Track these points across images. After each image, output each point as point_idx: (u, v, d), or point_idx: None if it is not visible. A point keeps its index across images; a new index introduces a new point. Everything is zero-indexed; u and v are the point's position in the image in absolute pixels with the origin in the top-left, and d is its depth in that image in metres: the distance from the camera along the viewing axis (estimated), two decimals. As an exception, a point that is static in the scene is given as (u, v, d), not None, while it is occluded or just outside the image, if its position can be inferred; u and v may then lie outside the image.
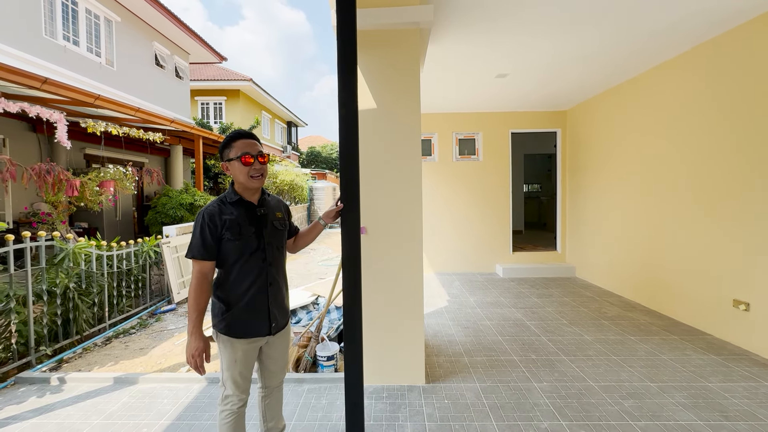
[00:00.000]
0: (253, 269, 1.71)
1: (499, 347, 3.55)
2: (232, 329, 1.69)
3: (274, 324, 1.79)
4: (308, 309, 3.76)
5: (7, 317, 3.10)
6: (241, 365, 1.71)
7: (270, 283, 1.76)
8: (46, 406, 2.65)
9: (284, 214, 1.93)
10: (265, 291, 1.74)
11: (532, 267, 6.49)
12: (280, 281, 1.84)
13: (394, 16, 2.67)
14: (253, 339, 1.74)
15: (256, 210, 1.76)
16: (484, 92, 5.57)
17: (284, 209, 1.96)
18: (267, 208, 1.82)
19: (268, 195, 1.92)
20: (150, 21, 11.11)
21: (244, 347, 1.71)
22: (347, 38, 1.99)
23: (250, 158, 1.69)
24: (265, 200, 1.85)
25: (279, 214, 1.89)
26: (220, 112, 18.21)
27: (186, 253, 1.68)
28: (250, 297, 1.71)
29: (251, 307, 1.71)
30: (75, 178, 4.55)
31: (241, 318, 1.70)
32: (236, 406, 1.73)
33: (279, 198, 2.01)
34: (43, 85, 3.75)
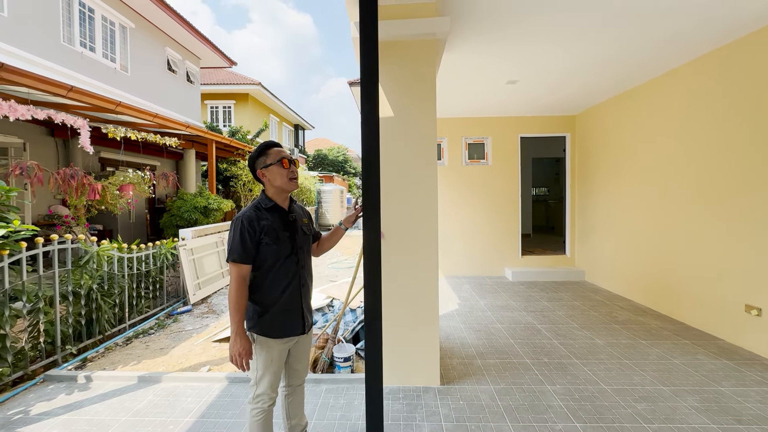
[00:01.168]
0: (288, 272, 1.82)
1: (511, 350, 3.60)
2: (269, 330, 1.79)
3: (307, 323, 1.91)
4: (323, 311, 3.85)
5: (35, 317, 3.21)
6: (276, 364, 1.81)
7: (302, 285, 1.88)
8: (75, 403, 2.75)
9: (309, 220, 2.06)
10: (298, 292, 1.86)
11: (541, 271, 6.53)
12: (310, 283, 1.96)
13: (412, 27, 2.75)
14: (289, 339, 1.84)
15: (288, 216, 1.87)
16: (494, 98, 5.64)
17: (308, 216, 2.07)
18: (296, 215, 1.93)
19: (294, 202, 2.02)
20: (163, 27, 11.32)
21: (280, 347, 1.81)
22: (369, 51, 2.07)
23: (288, 162, 1.83)
24: (294, 207, 1.96)
25: (305, 220, 2.01)
26: (229, 116, 18.44)
27: (226, 257, 1.77)
28: (285, 298, 1.81)
29: (287, 308, 1.82)
30: (96, 182, 4.70)
31: (277, 319, 1.80)
32: (267, 404, 1.81)
33: (302, 205, 2.11)
34: (68, 93, 3.89)
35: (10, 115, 3.52)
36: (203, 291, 5.37)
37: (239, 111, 18.30)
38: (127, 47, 10.13)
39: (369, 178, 2.09)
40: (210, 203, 6.58)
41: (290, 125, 24.91)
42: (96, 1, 8.98)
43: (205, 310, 4.97)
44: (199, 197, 6.58)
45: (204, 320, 4.60)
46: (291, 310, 1.84)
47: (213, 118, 18.31)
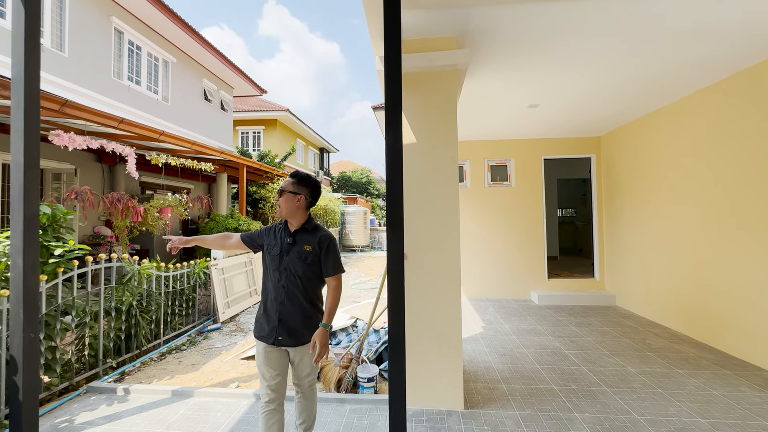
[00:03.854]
0: (270, 283, 2.11)
1: (537, 376, 3.52)
2: (255, 327, 2.17)
3: (280, 338, 2.05)
4: (348, 331, 3.91)
5: (82, 330, 3.45)
6: (259, 360, 2.09)
7: (281, 302, 2.07)
8: (114, 414, 2.91)
9: (315, 247, 2.12)
10: (275, 306, 2.08)
11: (568, 294, 6.35)
12: (293, 306, 2.06)
13: (434, 60, 2.91)
14: (265, 344, 2.08)
15: (288, 237, 2.13)
16: (515, 121, 5.72)
17: (318, 245, 2.12)
18: (299, 239, 2.12)
19: (315, 230, 2.18)
20: (201, 60, 12.20)
21: (259, 346, 2.11)
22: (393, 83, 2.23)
23: (281, 192, 2.17)
24: (303, 231, 2.15)
25: (307, 247, 2.10)
26: (258, 140, 19.32)
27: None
28: (265, 306, 2.12)
29: (265, 314, 2.11)
30: (139, 205, 5.07)
31: (258, 320, 2.15)
32: (265, 399, 2.06)
33: (327, 236, 2.18)
34: (119, 125, 4.28)
35: (69, 146, 3.93)
36: (232, 309, 5.55)
37: (268, 136, 19.14)
38: (169, 80, 10.95)
39: (393, 202, 2.21)
40: (240, 224, 6.87)
41: (316, 148, 25.72)
42: (143, 39, 9.84)
43: (234, 328, 5.13)
44: (230, 219, 6.90)
45: (232, 338, 4.75)
46: (267, 318, 2.10)
47: (243, 143, 19.22)
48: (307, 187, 2.17)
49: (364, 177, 31.49)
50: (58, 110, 3.56)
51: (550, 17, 2.82)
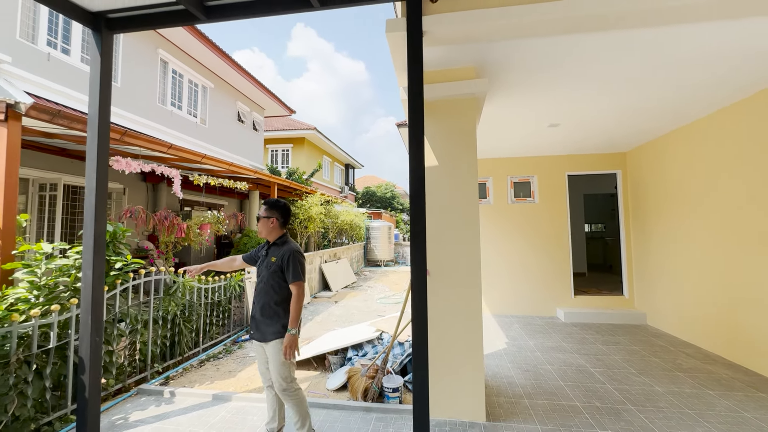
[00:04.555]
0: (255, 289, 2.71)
1: (560, 392, 3.56)
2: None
3: (252, 332, 2.67)
4: (373, 343, 4.09)
5: (134, 337, 3.81)
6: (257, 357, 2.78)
7: (254, 303, 2.69)
8: (163, 414, 3.20)
9: (279, 260, 2.64)
10: (252, 307, 2.69)
11: (596, 312, 6.26)
12: (259, 305, 2.63)
13: (453, 89, 3.14)
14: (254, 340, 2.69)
15: (264, 251, 2.78)
16: (537, 139, 5.82)
17: (281, 257, 2.64)
18: (270, 252, 2.72)
19: (283, 243, 2.72)
20: (235, 84, 13.02)
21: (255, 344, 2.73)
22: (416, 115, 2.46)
23: (258, 218, 2.77)
24: (275, 245, 2.73)
25: (273, 258, 2.67)
26: (287, 158, 20.11)
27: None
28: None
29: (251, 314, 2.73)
30: (183, 222, 5.51)
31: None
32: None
33: (291, 248, 2.68)
34: (168, 150, 4.75)
35: (127, 170, 4.41)
36: (264, 321, 5.85)
37: (296, 153, 19.90)
38: (207, 104, 11.76)
39: (416, 221, 2.42)
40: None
41: (341, 165, 26.38)
42: (185, 67, 10.68)
43: (265, 339, 5.41)
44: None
45: (265, 348, 5.02)
46: (251, 316, 2.69)
47: (273, 161, 20.04)
48: (277, 210, 2.75)
49: (389, 192, 31.87)
50: (119, 138, 4.04)
51: (567, 46, 2.99)
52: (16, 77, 6.42)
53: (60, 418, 3.01)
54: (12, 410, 2.67)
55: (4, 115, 3.14)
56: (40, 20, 7.03)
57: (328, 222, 10.18)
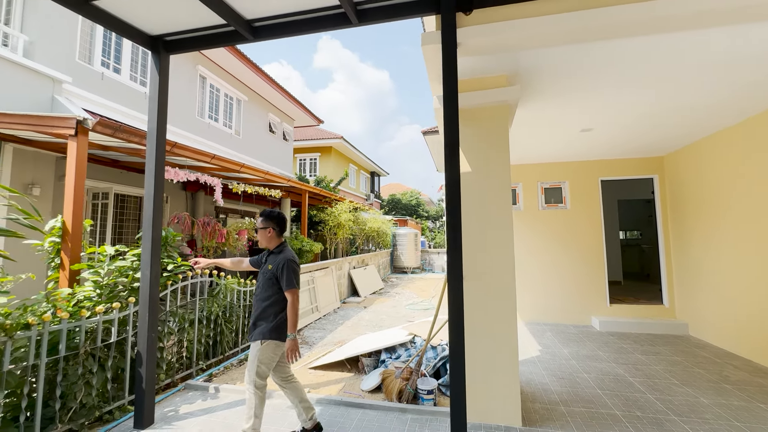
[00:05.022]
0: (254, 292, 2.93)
1: (598, 400, 3.49)
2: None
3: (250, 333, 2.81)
4: (406, 347, 4.16)
5: (181, 335, 4.05)
6: None
7: (253, 306, 2.86)
8: (209, 407, 3.39)
9: (274, 268, 2.80)
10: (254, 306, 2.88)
11: (634, 321, 6.05)
12: (257, 305, 2.82)
13: (486, 97, 3.22)
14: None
15: (263, 258, 2.97)
16: (568, 144, 5.76)
17: (276, 265, 2.80)
18: (268, 260, 2.89)
19: (280, 252, 2.89)
20: (267, 97, 13.57)
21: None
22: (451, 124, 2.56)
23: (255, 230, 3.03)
24: (273, 253, 2.91)
25: (270, 266, 2.84)
26: (314, 166, 20.62)
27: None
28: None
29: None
30: (223, 228, 5.83)
31: None
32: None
33: (286, 257, 2.83)
34: (212, 160, 5.06)
35: (175, 179, 4.75)
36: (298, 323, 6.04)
37: (323, 162, 20.38)
38: (241, 116, 12.33)
39: (453, 226, 2.50)
40: (303, 245, 7.49)
41: (367, 173, 26.72)
42: (221, 82, 11.26)
43: (299, 341, 5.58)
44: (295, 240, 7.55)
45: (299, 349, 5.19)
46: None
47: (301, 169, 20.60)
48: (272, 221, 2.91)
49: (414, 199, 31.92)
50: (170, 150, 4.36)
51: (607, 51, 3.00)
52: (75, 96, 7.02)
53: (119, 408, 3.26)
54: (80, 398, 2.93)
55: (74, 130, 3.48)
56: (96, 43, 7.67)
57: (356, 229, 10.36)
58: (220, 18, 3.02)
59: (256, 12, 2.97)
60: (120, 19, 3.02)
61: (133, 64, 8.50)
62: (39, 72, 6.26)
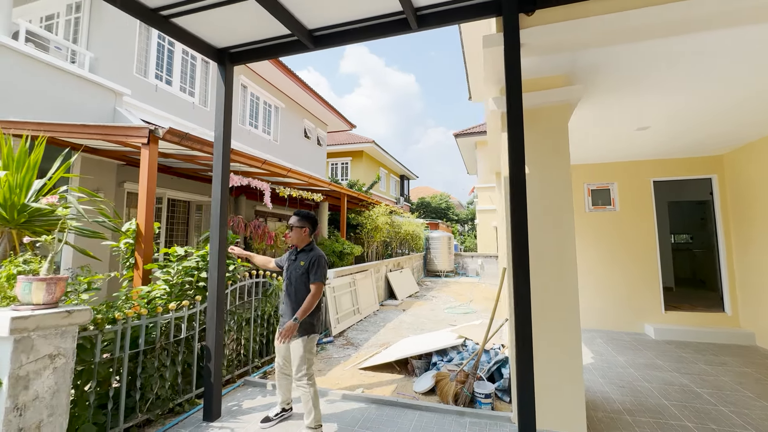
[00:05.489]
0: (283, 289, 3.14)
1: (666, 411, 3.33)
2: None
3: (280, 329, 2.96)
4: (458, 349, 4.14)
5: (238, 333, 4.22)
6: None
7: (283, 302, 3.09)
8: (270, 403, 3.51)
9: (306, 264, 3.02)
10: (281, 305, 3.14)
11: (693, 330, 5.72)
12: (291, 304, 3.01)
13: (546, 97, 3.17)
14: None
15: (292, 256, 3.15)
16: (619, 144, 5.56)
17: (308, 261, 3.03)
18: (299, 257, 3.08)
19: (311, 250, 3.11)
20: (302, 103, 13.94)
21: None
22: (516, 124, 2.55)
23: (290, 227, 3.18)
24: (303, 251, 3.11)
25: (302, 262, 3.04)
26: (346, 171, 20.93)
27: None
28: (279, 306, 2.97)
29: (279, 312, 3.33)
30: (271, 230, 6.04)
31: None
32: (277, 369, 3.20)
33: (318, 253, 3.08)
34: (263, 165, 5.27)
35: (231, 184, 4.98)
36: (341, 325, 6.15)
37: (355, 166, 20.64)
38: (278, 123, 12.72)
39: (518, 228, 2.49)
40: (344, 248, 7.62)
41: (396, 176, 26.81)
42: (261, 90, 11.68)
43: (344, 342, 5.67)
44: (335, 242, 7.70)
45: (345, 350, 5.27)
46: (280, 313, 3.14)
47: (333, 174, 20.96)
48: (308, 221, 3.15)
49: (443, 202, 31.69)
50: (226, 156, 4.59)
51: (668, 48, 2.90)
52: (133, 107, 7.50)
53: (187, 401, 3.43)
54: (156, 390, 3.12)
55: (146, 139, 3.74)
56: (150, 58, 8.18)
57: (391, 232, 10.42)
58: (282, 29, 3.16)
59: (318, 22, 3.08)
60: (193, 35, 3.22)
61: (183, 76, 9.00)
62: (103, 86, 6.74)
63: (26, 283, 2.21)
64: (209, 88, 9.62)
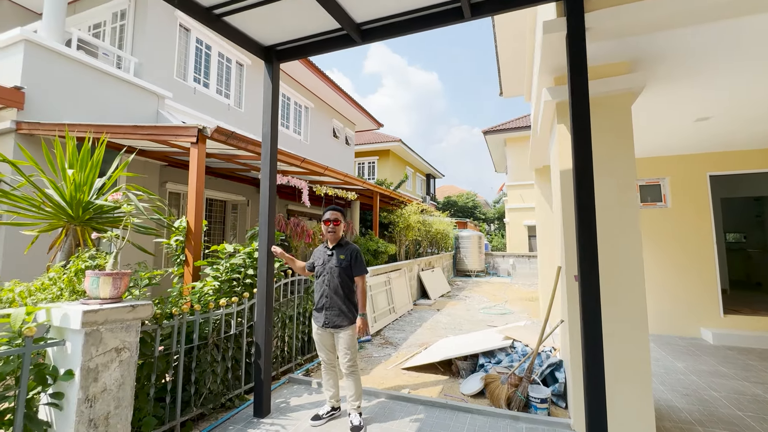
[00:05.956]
0: (319, 285, 3.15)
1: (742, 423, 3.07)
2: (312, 315, 3.26)
3: (327, 323, 3.05)
4: (506, 351, 3.99)
5: (282, 330, 4.24)
6: (315, 339, 3.20)
7: (327, 296, 3.08)
8: (317, 401, 3.49)
9: (347, 258, 3.12)
10: (324, 299, 3.08)
11: (757, 336, 5.30)
12: (336, 298, 3.05)
13: (608, 85, 2.98)
14: (318, 327, 3.13)
15: (327, 252, 3.19)
16: (673, 136, 5.22)
17: (349, 255, 3.13)
18: (336, 252, 3.15)
19: (347, 244, 3.21)
20: (331, 103, 14.03)
21: (316, 331, 3.17)
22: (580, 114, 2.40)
23: (327, 222, 3.19)
24: (339, 246, 3.18)
25: (342, 257, 3.12)
26: (372, 170, 20.93)
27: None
28: (316, 301, 3.15)
29: (316, 307, 3.15)
30: (310, 228, 6.09)
31: (314, 313, 3.18)
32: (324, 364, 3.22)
33: (355, 247, 3.20)
34: (302, 163, 5.29)
35: (271, 182, 5.05)
36: (378, 324, 6.10)
37: (381, 165, 20.61)
38: (308, 123, 12.86)
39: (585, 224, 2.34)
40: (379, 246, 7.58)
41: (422, 175, 26.60)
42: (291, 91, 11.84)
43: (383, 342, 5.61)
44: (369, 241, 7.67)
45: (385, 350, 5.22)
46: (319, 308, 3.11)
47: (360, 173, 21.02)
48: (345, 217, 3.30)
49: (470, 201, 31.19)
50: (267, 155, 4.63)
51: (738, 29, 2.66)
52: (174, 110, 7.74)
53: (237, 396, 3.47)
54: (209, 384, 3.16)
55: (195, 138, 3.81)
56: (189, 62, 8.42)
57: (422, 231, 10.30)
58: (328, 24, 3.12)
59: (368, 14, 3.02)
60: (242, 32, 3.24)
61: (219, 79, 9.22)
62: (147, 89, 6.98)
63: (94, 277, 2.27)
64: (243, 90, 9.83)
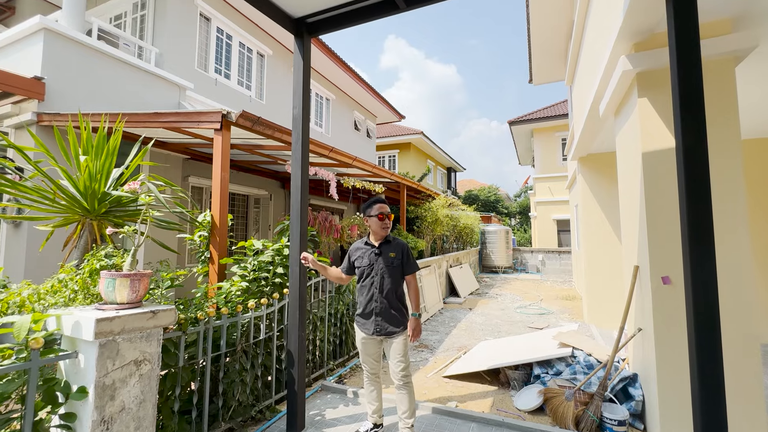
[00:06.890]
0: (366, 288, 2.69)
1: None
2: (357, 322, 2.76)
3: (379, 330, 2.61)
4: (567, 361, 3.53)
5: (313, 333, 3.91)
6: (360, 348, 2.77)
7: (375, 299, 2.63)
8: (355, 414, 3.13)
9: (398, 255, 2.71)
10: (372, 303, 2.64)
11: None
12: (387, 303, 2.62)
13: (707, 48, 2.47)
14: (365, 334, 2.68)
15: (375, 251, 2.72)
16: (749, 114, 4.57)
17: (400, 252, 2.73)
18: (383, 249, 2.71)
19: (393, 239, 2.79)
20: (352, 94, 13.64)
21: (361, 336, 2.73)
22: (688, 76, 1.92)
23: (382, 217, 2.71)
24: (386, 243, 2.75)
25: (392, 254, 2.70)
26: (393, 163, 20.49)
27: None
28: (363, 306, 2.70)
29: (364, 311, 2.69)
30: (338, 223, 5.75)
31: (358, 319, 2.75)
32: (367, 373, 2.80)
33: (404, 243, 2.81)
34: (330, 153, 4.93)
35: (297, 173, 4.72)
36: (410, 324, 5.71)
37: (402, 158, 20.15)
38: (330, 114, 12.52)
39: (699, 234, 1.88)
40: (408, 241, 7.19)
41: (444, 168, 25.99)
42: (312, 82, 11.51)
43: (417, 344, 5.22)
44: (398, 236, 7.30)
45: (421, 354, 4.83)
46: (366, 314, 2.67)
47: (380, 166, 20.65)
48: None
49: (492, 195, 30.35)
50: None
51: None
52: (195, 101, 7.51)
53: (267, 407, 3.15)
54: (238, 395, 2.84)
55: (219, 124, 3.49)
56: (210, 52, 8.18)
57: (450, 225, 9.83)
58: (368, -12, 2.73)
59: (415, -27, 2.61)
60: (271, 2, 2.87)
61: (240, 70, 8.97)
62: (168, 80, 6.76)
63: (110, 279, 1.96)
64: (264, 81, 9.56)
